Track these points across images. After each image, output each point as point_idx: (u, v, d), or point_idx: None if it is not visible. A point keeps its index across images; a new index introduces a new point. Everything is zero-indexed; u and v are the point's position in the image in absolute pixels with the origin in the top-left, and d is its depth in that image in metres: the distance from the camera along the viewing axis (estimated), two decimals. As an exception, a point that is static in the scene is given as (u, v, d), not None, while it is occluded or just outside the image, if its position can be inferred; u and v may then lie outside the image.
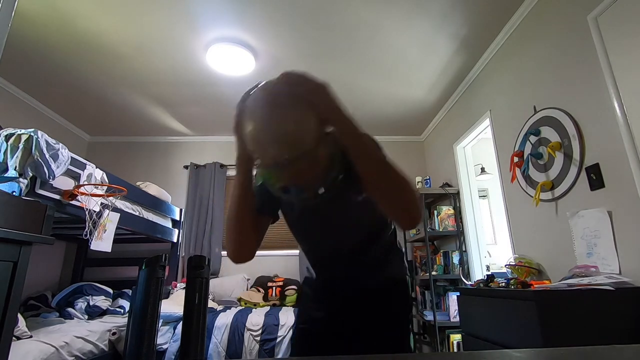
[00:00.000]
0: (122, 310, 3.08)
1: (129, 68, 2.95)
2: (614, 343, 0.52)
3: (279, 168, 0.67)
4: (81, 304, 2.92)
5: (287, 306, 3.36)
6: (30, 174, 1.72)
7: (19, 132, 1.75)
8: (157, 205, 3.24)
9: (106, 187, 2.24)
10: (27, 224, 1.50)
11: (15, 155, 1.70)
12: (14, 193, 1.66)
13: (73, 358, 2.14)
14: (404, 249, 1.05)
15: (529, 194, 2.27)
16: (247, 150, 0.72)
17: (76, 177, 2.05)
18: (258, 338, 2.68)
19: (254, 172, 0.82)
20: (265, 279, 3.66)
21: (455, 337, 2.95)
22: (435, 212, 3.47)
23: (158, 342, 2.61)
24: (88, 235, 2.08)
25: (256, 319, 2.80)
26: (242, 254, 0.87)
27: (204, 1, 2.25)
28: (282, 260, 3.94)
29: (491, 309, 1.79)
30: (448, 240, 3.63)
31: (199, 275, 0.60)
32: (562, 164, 1.97)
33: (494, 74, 2.76)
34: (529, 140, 2.24)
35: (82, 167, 2.09)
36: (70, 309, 2.86)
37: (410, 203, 0.75)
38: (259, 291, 3.51)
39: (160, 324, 2.48)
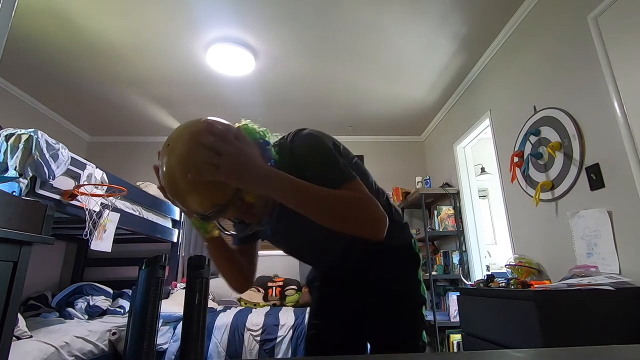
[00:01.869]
0: (122, 310, 3.08)
1: (129, 68, 2.95)
2: (614, 343, 0.52)
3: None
4: (81, 304, 2.92)
5: (287, 306, 3.36)
6: (30, 174, 1.72)
7: (19, 132, 1.75)
8: (157, 205, 3.23)
9: (106, 187, 2.24)
10: (27, 224, 1.50)
11: (15, 155, 1.69)
12: (14, 193, 1.66)
13: (73, 358, 2.14)
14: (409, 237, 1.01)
15: (529, 194, 2.27)
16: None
17: (76, 177, 2.04)
18: (258, 338, 2.67)
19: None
20: (266, 279, 3.66)
21: (455, 337, 2.95)
22: (435, 212, 3.47)
23: (158, 342, 2.61)
24: (88, 235, 2.07)
25: (256, 319, 2.79)
26: (241, 288, 0.99)
27: (204, 1, 2.25)
28: (282, 260, 3.92)
29: (491, 309, 1.79)
30: (448, 240, 3.63)
31: (199, 275, 0.60)
32: (562, 164, 1.97)
33: (494, 73, 2.76)
34: (529, 140, 2.24)
35: (82, 167, 2.09)
36: (70, 309, 2.86)
37: (360, 224, 0.70)
38: (259, 291, 3.51)
39: (160, 324, 2.48)
